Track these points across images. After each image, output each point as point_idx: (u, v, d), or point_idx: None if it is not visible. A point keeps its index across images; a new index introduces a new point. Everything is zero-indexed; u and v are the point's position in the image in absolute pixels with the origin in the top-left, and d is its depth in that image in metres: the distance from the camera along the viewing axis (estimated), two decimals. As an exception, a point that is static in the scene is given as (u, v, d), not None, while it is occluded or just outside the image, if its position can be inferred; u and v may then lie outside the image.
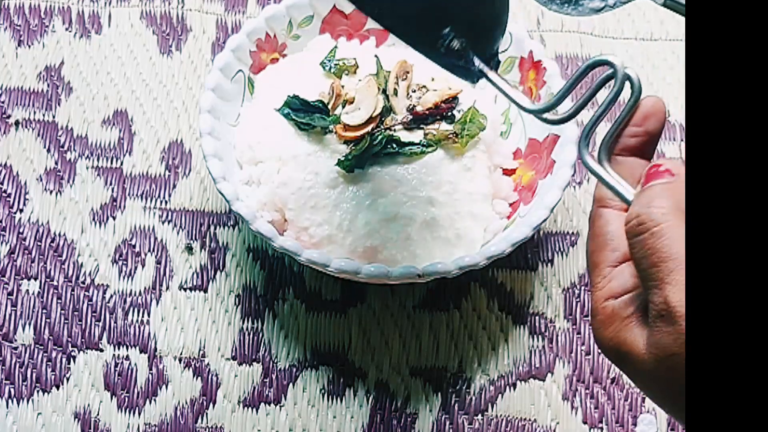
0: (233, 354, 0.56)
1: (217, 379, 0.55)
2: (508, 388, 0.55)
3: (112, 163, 0.61)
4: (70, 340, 0.56)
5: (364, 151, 0.52)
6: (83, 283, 0.58)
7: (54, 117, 0.63)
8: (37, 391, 0.55)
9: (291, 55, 0.59)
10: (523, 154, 0.57)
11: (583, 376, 0.55)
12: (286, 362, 0.56)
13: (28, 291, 0.57)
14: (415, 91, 0.54)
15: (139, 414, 0.54)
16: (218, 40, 0.66)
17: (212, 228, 0.59)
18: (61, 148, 0.62)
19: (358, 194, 0.52)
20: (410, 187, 0.52)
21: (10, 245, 0.58)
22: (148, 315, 0.57)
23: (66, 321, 0.57)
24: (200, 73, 0.64)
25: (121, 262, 0.58)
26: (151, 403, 0.55)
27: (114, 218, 0.59)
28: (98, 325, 0.56)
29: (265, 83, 0.58)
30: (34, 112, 0.63)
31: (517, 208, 0.55)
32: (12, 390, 0.55)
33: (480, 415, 0.55)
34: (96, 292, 0.57)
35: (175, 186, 0.61)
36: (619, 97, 0.38)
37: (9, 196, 0.60)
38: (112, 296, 0.57)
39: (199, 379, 0.55)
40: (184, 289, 0.57)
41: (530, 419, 0.55)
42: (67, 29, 0.66)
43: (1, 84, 0.64)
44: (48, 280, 0.58)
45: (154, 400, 0.55)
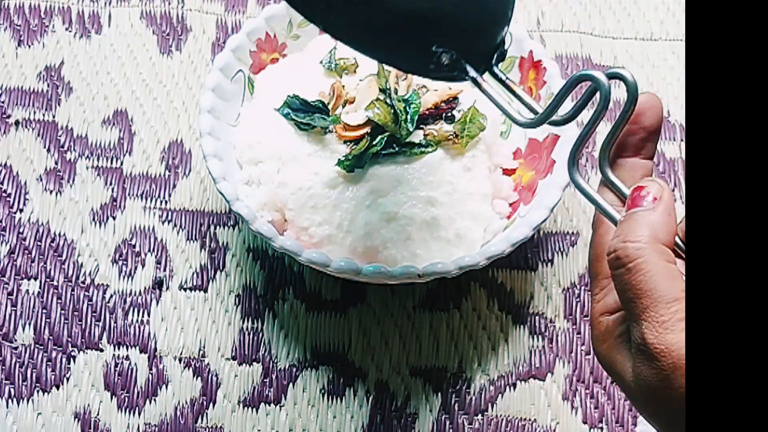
0: (233, 354, 0.56)
1: (217, 379, 0.55)
2: (508, 388, 0.55)
3: (112, 163, 0.61)
4: (70, 340, 0.56)
5: (364, 151, 0.52)
6: (83, 283, 0.58)
7: (54, 117, 0.63)
8: (37, 391, 0.55)
9: (291, 55, 0.59)
10: (523, 154, 0.57)
11: (583, 376, 0.55)
12: (286, 362, 0.56)
13: (28, 291, 0.57)
14: (415, 91, 0.54)
15: (139, 414, 0.54)
16: (218, 40, 0.66)
17: (212, 228, 0.59)
18: (61, 148, 0.62)
19: (358, 194, 0.52)
20: (410, 187, 0.52)
21: (10, 245, 0.58)
22: (148, 315, 0.57)
23: (66, 321, 0.57)
24: (200, 73, 0.64)
25: (121, 262, 0.58)
26: (151, 403, 0.55)
27: (114, 218, 0.59)
28: (98, 325, 0.56)
29: (265, 83, 0.58)
30: (34, 112, 0.63)
31: (517, 208, 0.55)
32: (12, 390, 0.55)
33: (480, 415, 0.55)
34: (96, 292, 0.57)
35: (175, 186, 0.61)
36: (615, 100, 0.37)
37: (9, 196, 0.60)
38: (112, 296, 0.57)
39: (199, 379, 0.55)
40: (184, 289, 0.57)
41: (530, 419, 0.55)
42: (67, 29, 0.66)
43: (1, 84, 0.64)
44: (48, 280, 0.58)
45: (154, 400, 0.55)
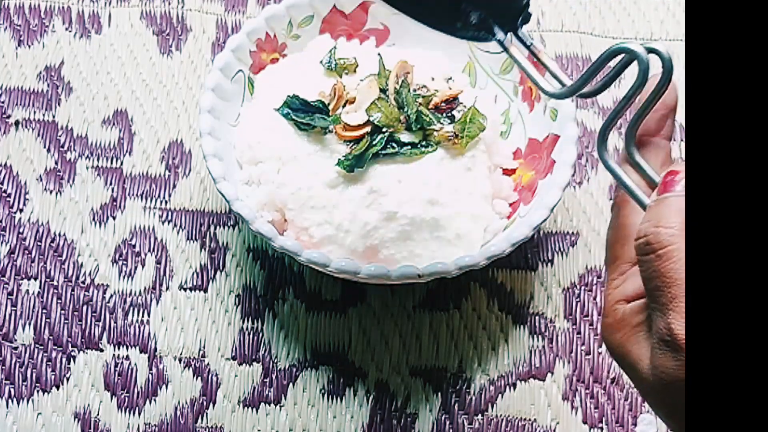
0: (233, 354, 0.56)
1: (217, 379, 0.55)
2: (508, 388, 0.55)
3: (112, 163, 0.61)
4: (70, 340, 0.56)
5: (364, 151, 0.52)
6: (83, 283, 0.58)
7: (54, 117, 0.63)
8: (37, 391, 0.55)
9: (291, 55, 0.59)
10: (523, 154, 0.57)
11: (583, 376, 0.55)
12: (286, 362, 0.56)
13: (28, 291, 0.57)
14: (415, 91, 0.54)
15: (139, 414, 0.54)
16: (218, 40, 0.66)
17: (212, 228, 0.59)
18: (61, 148, 0.62)
19: (358, 194, 0.52)
20: (410, 187, 0.52)
21: (10, 245, 0.58)
22: (148, 315, 0.57)
23: (66, 321, 0.57)
24: (200, 73, 0.64)
25: (121, 262, 0.58)
26: (151, 403, 0.55)
27: (114, 218, 0.59)
28: (98, 325, 0.56)
29: (265, 83, 0.58)
30: (34, 112, 0.63)
31: (517, 208, 0.55)
32: (12, 390, 0.55)
33: (480, 415, 0.55)
34: (96, 292, 0.57)
35: (175, 186, 0.61)
36: (621, 78, 0.36)
37: (9, 196, 0.60)
38: (112, 296, 0.57)
39: (199, 379, 0.55)
40: (184, 289, 0.57)
41: (530, 419, 0.55)
42: (67, 29, 0.66)
43: (1, 84, 0.64)
44: (48, 280, 0.58)
45: (154, 400, 0.55)
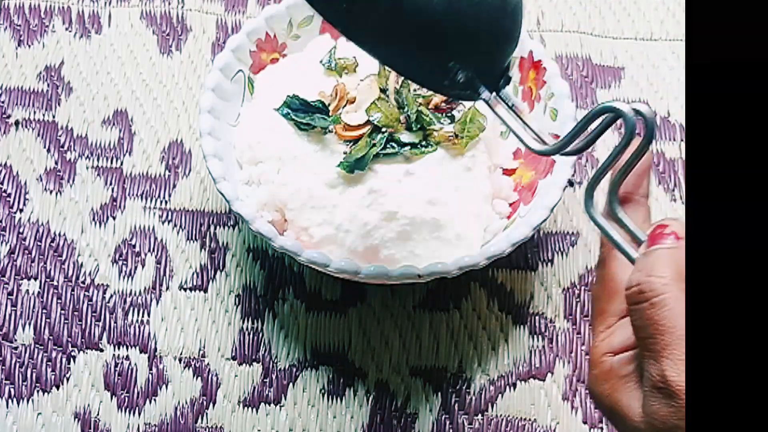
0: (233, 354, 0.56)
1: (217, 379, 0.55)
2: (508, 388, 0.55)
3: (112, 163, 0.61)
4: (70, 340, 0.56)
5: (366, 152, 0.52)
6: (83, 283, 0.58)
7: (54, 117, 0.63)
8: (37, 391, 0.55)
9: (291, 55, 0.59)
10: (523, 154, 0.57)
11: (583, 376, 0.55)
12: (286, 362, 0.56)
13: (28, 291, 0.57)
14: (415, 90, 0.54)
15: (139, 414, 0.54)
16: (218, 40, 0.66)
17: (212, 228, 0.59)
18: (61, 148, 0.62)
19: (358, 194, 0.52)
20: (410, 187, 0.52)
21: (10, 245, 0.58)
22: (148, 315, 0.57)
23: (66, 321, 0.57)
24: (200, 73, 0.64)
25: (121, 262, 0.58)
26: (151, 403, 0.55)
27: (114, 218, 0.59)
28: (98, 325, 0.56)
29: (265, 83, 0.58)
30: (34, 112, 0.63)
31: (517, 208, 0.55)
32: (12, 390, 0.55)
33: (480, 415, 0.55)
34: (96, 292, 0.57)
35: (175, 186, 0.61)
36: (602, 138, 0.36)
37: (9, 196, 0.60)
38: (112, 296, 0.57)
39: (199, 379, 0.55)
40: (184, 289, 0.57)
41: (530, 419, 0.55)
42: (67, 29, 0.66)
43: (1, 84, 0.64)
44: (48, 280, 0.58)
45: (154, 400, 0.55)
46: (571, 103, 0.55)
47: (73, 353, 0.56)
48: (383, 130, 0.52)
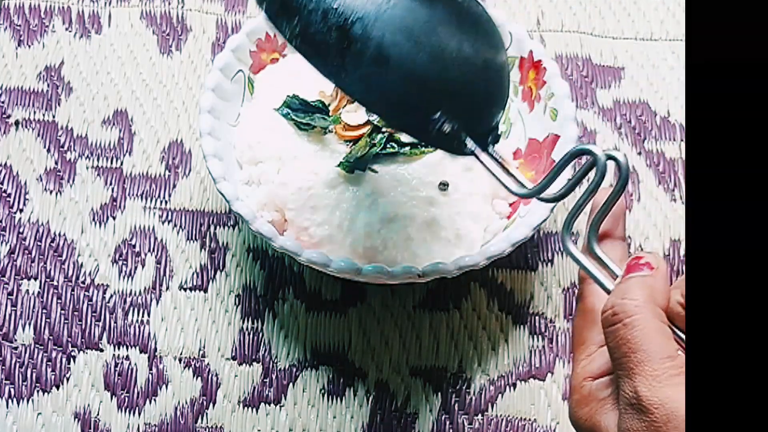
0: (233, 354, 0.56)
1: (217, 379, 0.55)
2: (508, 388, 0.55)
3: (112, 163, 0.61)
4: (70, 340, 0.56)
5: (366, 152, 0.52)
6: (83, 283, 0.58)
7: (54, 117, 0.63)
8: (37, 391, 0.55)
9: (291, 55, 0.59)
10: (523, 154, 0.57)
11: (583, 376, 0.55)
12: (286, 362, 0.56)
13: (28, 291, 0.57)
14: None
15: (139, 414, 0.54)
16: (218, 40, 0.66)
17: (212, 228, 0.59)
18: (61, 148, 0.62)
19: (358, 194, 0.52)
20: (410, 187, 0.52)
21: (10, 245, 0.58)
22: (148, 315, 0.57)
23: (66, 321, 0.57)
24: (200, 73, 0.64)
25: (121, 262, 0.58)
26: (151, 403, 0.55)
27: (114, 218, 0.59)
28: (98, 325, 0.56)
29: (265, 83, 0.58)
30: (34, 112, 0.63)
31: (517, 208, 0.55)
32: (12, 390, 0.55)
33: (480, 415, 0.55)
34: (96, 292, 0.57)
35: (175, 186, 0.61)
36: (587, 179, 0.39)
37: (9, 196, 0.60)
38: (112, 296, 0.57)
39: (199, 379, 0.55)
40: (184, 289, 0.57)
41: (530, 419, 0.55)
42: (67, 29, 0.66)
43: (1, 84, 0.64)
44: (48, 280, 0.58)
45: (154, 400, 0.55)
46: (571, 103, 0.54)
47: (73, 353, 0.56)
48: (383, 130, 0.52)
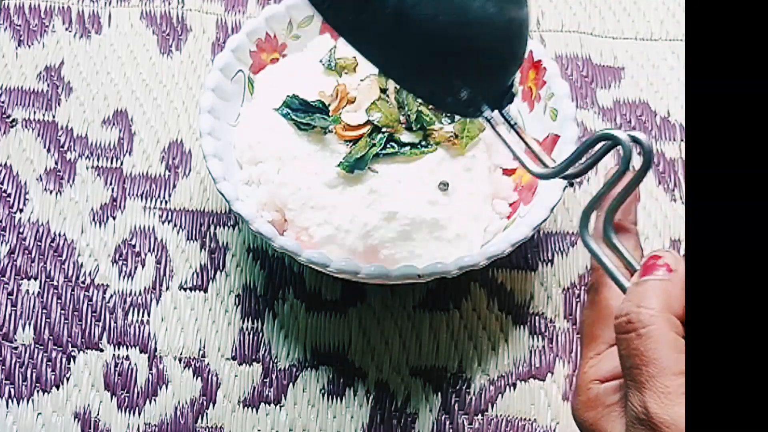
0: (233, 354, 0.56)
1: (217, 379, 0.55)
2: (508, 388, 0.55)
3: (112, 163, 0.61)
4: (70, 340, 0.56)
5: (365, 152, 0.52)
6: (83, 283, 0.58)
7: (54, 117, 0.63)
8: (37, 391, 0.55)
9: (291, 55, 0.59)
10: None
11: (583, 376, 0.55)
12: (286, 362, 0.56)
13: (28, 291, 0.57)
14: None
15: (139, 414, 0.54)
16: (218, 40, 0.66)
17: (212, 228, 0.59)
18: (61, 148, 0.62)
19: (358, 194, 0.52)
20: (410, 187, 0.52)
21: (10, 245, 0.58)
22: (148, 315, 0.57)
23: (66, 321, 0.57)
24: (200, 73, 0.64)
25: (121, 262, 0.58)
26: (151, 403, 0.55)
27: (114, 218, 0.59)
28: (98, 325, 0.56)
29: (265, 83, 0.58)
30: (34, 112, 0.63)
31: (517, 208, 0.55)
32: (12, 390, 0.55)
33: (480, 415, 0.55)
34: (96, 292, 0.57)
35: (175, 186, 0.61)
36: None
37: (9, 196, 0.60)
38: (112, 296, 0.57)
39: (199, 379, 0.55)
40: (184, 289, 0.57)
41: (530, 419, 0.55)
42: (67, 29, 0.66)
43: (1, 84, 0.64)
44: (48, 280, 0.58)
45: (154, 400, 0.55)
46: (571, 103, 0.54)
47: (73, 353, 0.56)
48: (383, 130, 0.52)
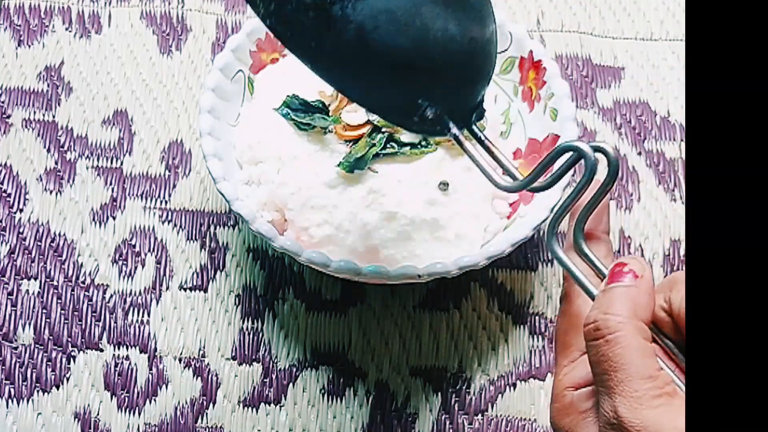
0: (233, 354, 0.56)
1: (217, 379, 0.55)
2: (508, 388, 0.55)
3: (112, 163, 0.61)
4: (70, 340, 0.56)
5: (365, 152, 0.52)
6: (83, 283, 0.58)
7: (54, 117, 0.63)
8: (37, 391, 0.55)
9: (291, 55, 0.59)
10: (523, 154, 0.57)
11: (583, 376, 0.55)
12: (286, 362, 0.56)
13: (28, 291, 0.57)
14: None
15: (139, 414, 0.54)
16: (218, 40, 0.66)
17: (212, 228, 0.59)
18: (61, 148, 0.62)
19: (358, 194, 0.52)
20: (410, 187, 0.52)
21: (10, 245, 0.58)
22: (148, 315, 0.57)
23: (66, 321, 0.57)
24: (200, 73, 0.64)
25: (121, 262, 0.58)
26: (151, 403, 0.55)
27: (114, 218, 0.59)
28: (98, 325, 0.56)
29: (265, 83, 0.58)
30: (34, 112, 0.63)
31: (517, 208, 0.55)
32: (12, 390, 0.55)
33: (480, 415, 0.55)
34: (96, 292, 0.57)
35: (175, 186, 0.61)
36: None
37: (9, 196, 0.60)
38: (112, 296, 0.57)
39: (199, 379, 0.55)
40: (184, 289, 0.57)
41: (530, 419, 0.55)
42: (67, 29, 0.66)
43: (1, 84, 0.64)
44: (48, 280, 0.58)
45: (154, 400, 0.55)
46: (571, 103, 0.54)
47: (73, 353, 0.56)
48: (383, 130, 0.52)
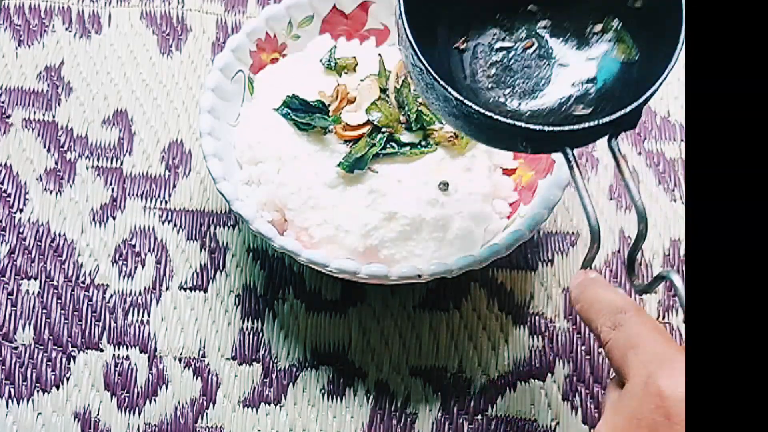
0: (233, 354, 0.56)
1: (217, 379, 0.55)
2: (508, 388, 0.55)
3: (112, 163, 0.61)
4: (70, 340, 0.56)
5: (365, 152, 0.52)
6: (83, 283, 0.58)
7: (54, 117, 0.63)
8: (37, 391, 0.55)
9: (291, 55, 0.59)
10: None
11: (583, 376, 0.55)
12: (286, 362, 0.56)
13: (28, 291, 0.57)
14: (415, 90, 0.54)
15: (139, 414, 0.54)
16: (218, 40, 0.66)
17: (212, 228, 0.59)
18: (61, 148, 0.62)
19: (358, 194, 0.52)
20: (410, 187, 0.52)
21: (10, 245, 0.58)
22: (148, 315, 0.57)
23: (66, 321, 0.57)
24: (200, 73, 0.64)
25: (121, 262, 0.58)
26: (151, 403, 0.55)
27: (114, 218, 0.59)
28: (98, 325, 0.56)
29: (265, 83, 0.58)
30: (34, 112, 0.63)
31: (517, 208, 0.55)
32: (12, 390, 0.55)
33: (480, 415, 0.55)
34: (96, 292, 0.57)
35: (175, 186, 0.61)
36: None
37: (9, 196, 0.60)
38: (112, 296, 0.57)
39: (199, 379, 0.55)
40: (184, 289, 0.57)
41: (530, 419, 0.55)
42: (67, 29, 0.66)
43: (1, 84, 0.64)
44: (48, 280, 0.58)
45: (154, 400, 0.55)
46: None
47: (73, 353, 0.56)
48: (383, 130, 0.52)
